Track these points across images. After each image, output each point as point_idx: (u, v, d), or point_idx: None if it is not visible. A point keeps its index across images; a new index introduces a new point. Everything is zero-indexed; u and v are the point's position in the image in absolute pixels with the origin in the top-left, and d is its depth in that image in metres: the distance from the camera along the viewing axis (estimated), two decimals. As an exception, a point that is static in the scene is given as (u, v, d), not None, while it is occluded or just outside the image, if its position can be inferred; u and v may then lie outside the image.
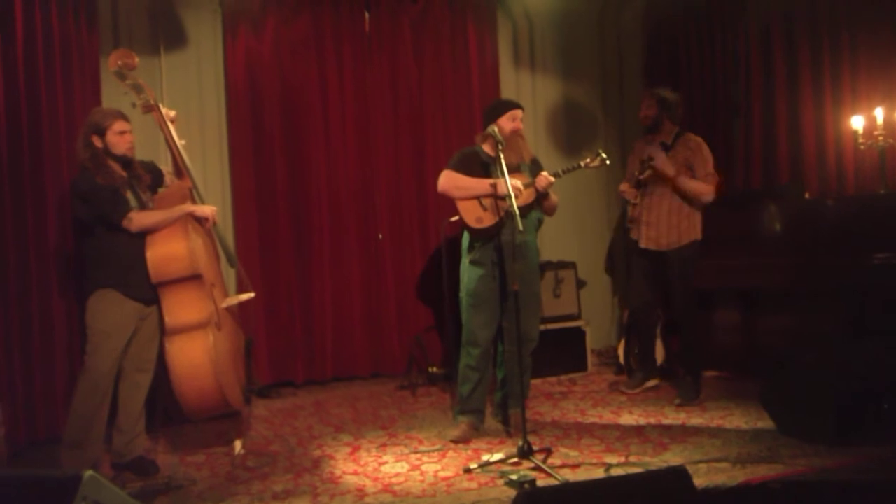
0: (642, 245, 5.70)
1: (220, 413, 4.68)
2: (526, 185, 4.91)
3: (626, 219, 5.89)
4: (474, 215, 4.97)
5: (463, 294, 5.11)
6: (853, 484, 3.96)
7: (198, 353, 4.35)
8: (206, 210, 4.60)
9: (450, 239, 5.87)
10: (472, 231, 5.03)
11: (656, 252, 5.65)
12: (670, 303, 5.79)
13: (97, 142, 4.37)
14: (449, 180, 5.06)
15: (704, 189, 5.51)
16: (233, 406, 4.58)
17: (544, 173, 4.96)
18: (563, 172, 5.04)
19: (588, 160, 5.05)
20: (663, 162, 5.52)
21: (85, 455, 4.30)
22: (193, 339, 4.38)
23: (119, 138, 4.39)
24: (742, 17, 6.54)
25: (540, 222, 5.22)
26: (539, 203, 5.08)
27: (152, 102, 4.61)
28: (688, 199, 5.55)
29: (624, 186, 5.80)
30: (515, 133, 4.98)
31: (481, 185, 4.96)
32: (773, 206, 5.71)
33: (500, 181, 4.72)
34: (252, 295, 4.96)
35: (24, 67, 4.97)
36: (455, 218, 5.16)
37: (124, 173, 4.43)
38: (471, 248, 5.07)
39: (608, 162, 5.06)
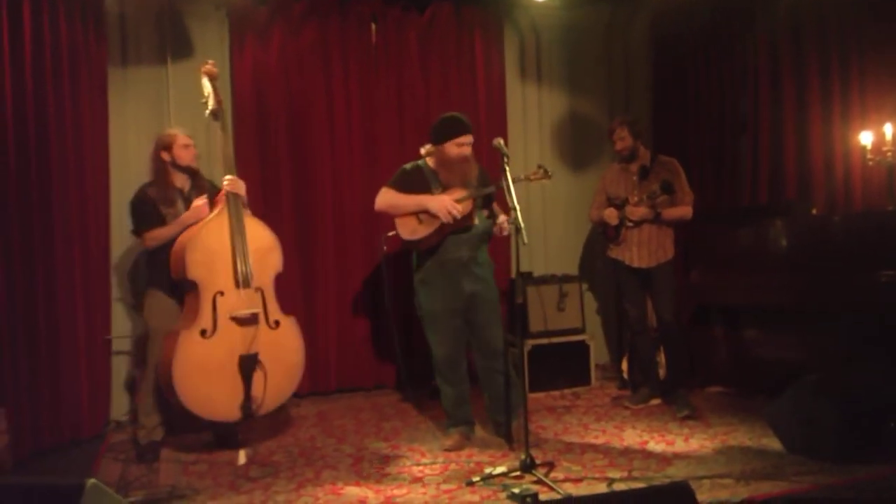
0: (635, 265, 5.82)
1: (178, 413, 4.86)
2: (459, 200, 4.88)
3: (612, 240, 5.94)
4: (409, 228, 4.98)
5: (420, 314, 5.15)
6: (858, 502, 3.94)
7: (169, 347, 4.72)
8: (200, 204, 5.02)
9: (391, 255, 6.07)
10: (408, 244, 5.05)
11: (644, 270, 5.80)
12: (657, 317, 5.93)
13: (165, 156, 5.04)
14: (385, 199, 5.05)
15: (686, 211, 5.79)
16: (200, 416, 4.75)
17: (502, 221, 4.95)
18: (513, 182, 4.66)
19: (532, 173, 5.09)
20: (641, 214, 5.73)
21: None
22: (173, 334, 4.77)
23: (184, 151, 5.06)
24: (750, 31, 6.51)
25: (488, 235, 5.16)
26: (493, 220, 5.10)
27: (219, 108, 5.08)
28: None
29: (609, 212, 5.86)
30: (463, 158, 4.94)
31: (419, 200, 4.95)
32: (780, 222, 5.69)
33: (437, 196, 4.89)
34: (258, 311, 4.95)
35: (32, 76, 5.03)
36: (392, 233, 5.14)
37: (187, 184, 5.10)
38: (419, 267, 5.09)
39: (551, 176, 5.11)
